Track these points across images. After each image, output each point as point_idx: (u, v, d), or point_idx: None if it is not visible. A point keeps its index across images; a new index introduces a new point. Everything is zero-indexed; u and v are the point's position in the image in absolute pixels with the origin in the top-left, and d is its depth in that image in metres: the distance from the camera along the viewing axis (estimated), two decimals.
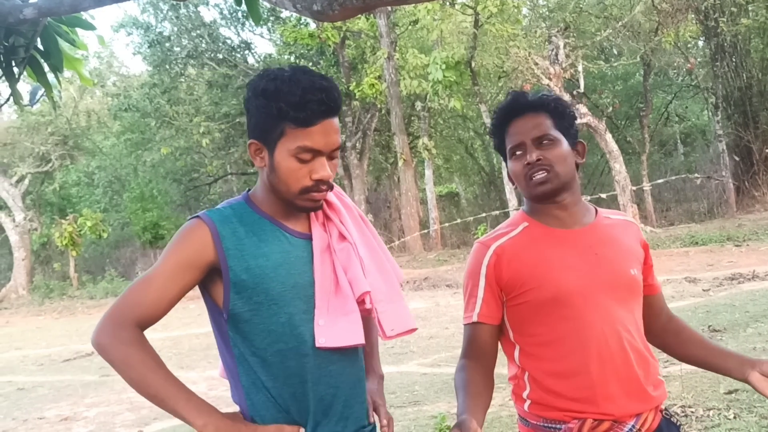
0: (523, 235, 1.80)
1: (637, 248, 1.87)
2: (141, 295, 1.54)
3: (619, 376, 1.72)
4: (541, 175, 1.75)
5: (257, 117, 1.57)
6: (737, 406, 4.28)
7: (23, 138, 23.80)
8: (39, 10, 2.21)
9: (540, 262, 1.76)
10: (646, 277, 1.88)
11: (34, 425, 6.57)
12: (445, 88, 16.63)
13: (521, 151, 1.79)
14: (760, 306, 7.26)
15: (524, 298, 1.76)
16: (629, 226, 1.91)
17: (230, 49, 22.14)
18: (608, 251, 1.79)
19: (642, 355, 1.76)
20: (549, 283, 1.74)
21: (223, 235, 1.55)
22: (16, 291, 21.70)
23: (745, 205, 17.02)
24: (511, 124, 1.83)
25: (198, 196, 25.20)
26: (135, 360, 1.51)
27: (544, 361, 1.77)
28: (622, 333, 1.74)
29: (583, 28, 17.95)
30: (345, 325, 1.60)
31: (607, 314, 1.73)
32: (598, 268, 1.76)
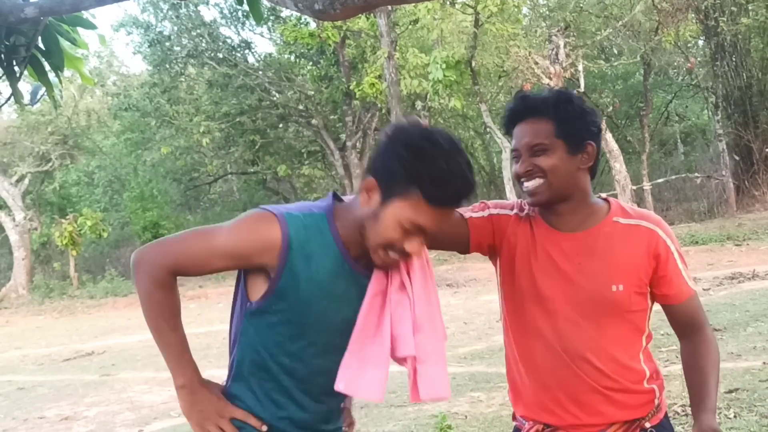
0: (530, 224, 1.83)
1: (640, 261, 1.76)
2: (190, 252, 1.56)
3: (569, 387, 1.74)
4: (532, 184, 1.74)
5: (392, 163, 1.51)
6: (737, 405, 4.28)
7: (23, 137, 23.79)
8: (40, 9, 2.21)
9: (524, 256, 1.79)
10: (659, 287, 1.79)
11: (34, 425, 6.57)
12: (445, 87, 16.62)
13: (518, 157, 1.78)
14: (760, 305, 7.27)
15: (507, 277, 1.82)
16: (641, 235, 1.78)
17: (230, 49, 22.13)
18: (593, 263, 1.75)
19: (603, 369, 1.73)
20: (521, 279, 1.78)
21: (293, 249, 1.52)
22: (16, 290, 21.69)
23: (745, 204, 17.01)
24: (515, 127, 1.80)
25: (198, 196, 25.20)
26: (157, 301, 1.56)
27: (515, 351, 1.83)
28: (582, 345, 1.73)
29: (584, 27, 17.94)
30: (371, 377, 1.60)
31: (569, 326, 1.74)
32: (571, 280, 1.74)
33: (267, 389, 1.60)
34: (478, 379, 5.99)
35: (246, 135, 22.10)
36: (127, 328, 13.02)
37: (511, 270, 1.80)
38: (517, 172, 1.76)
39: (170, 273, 1.55)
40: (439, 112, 21.41)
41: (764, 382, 4.65)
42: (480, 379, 5.98)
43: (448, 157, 1.50)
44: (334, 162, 21.77)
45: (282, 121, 23.10)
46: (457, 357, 7.06)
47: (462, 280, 13.28)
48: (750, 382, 4.68)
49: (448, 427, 4.42)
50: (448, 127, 23.57)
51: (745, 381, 4.72)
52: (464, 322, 8.97)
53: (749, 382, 4.68)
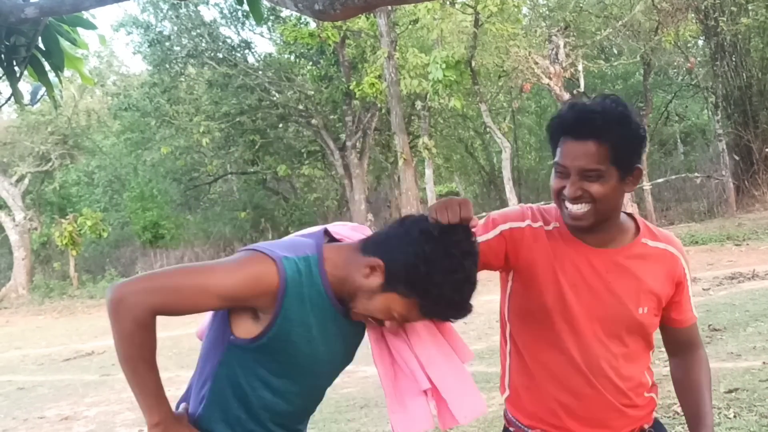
0: (551, 234, 1.75)
1: (663, 285, 1.76)
2: (176, 292, 1.50)
3: (588, 403, 1.74)
4: (579, 209, 1.65)
5: (403, 263, 1.52)
6: (737, 405, 4.29)
7: (23, 137, 23.79)
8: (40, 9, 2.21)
9: (549, 269, 1.73)
10: (670, 310, 1.80)
11: (34, 424, 6.57)
12: (445, 87, 16.62)
13: (564, 173, 1.66)
14: (759, 305, 7.27)
15: (519, 288, 1.79)
16: (667, 260, 1.77)
17: (230, 49, 22.13)
18: (622, 283, 1.72)
19: (622, 386, 1.75)
20: (546, 292, 1.73)
21: (288, 295, 1.52)
22: (16, 290, 21.69)
23: (744, 204, 17.02)
24: (564, 140, 1.66)
25: (198, 196, 25.20)
26: (136, 341, 1.49)
27: (528, 361, 1.80)
28: (603, 365, 1.73)
29: (583, 27, 17.95)
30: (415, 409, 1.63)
31: (593, 343, 1.72)
32: (601, 298, 1.71)
33: (242, 420, 1.59)
34: (478, 378, 5.99)
35: (246, 135, 22.11)
36: None
37: (532, 284, 1.75)
38: (565, 194, 1.65)
39: (154, 313, 1.49)
40: (439, 112, 21.41)
41: (764, 381, 4.65)
42: (480, 378, 5.98)
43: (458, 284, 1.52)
44: (333, 162, 21.78)
45: (282, 121, 23.11)
46: None
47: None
48: (750, 382, 4.68)
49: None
50: (448, 126, 23.60)
51: (745, 381, 4.72)
52: (464, 322, 8.93)
53: (749, 382, 4.68)
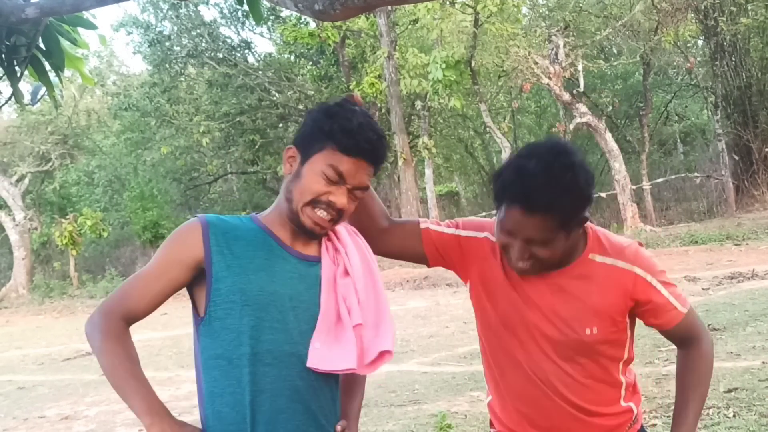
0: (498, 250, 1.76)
1: (614, 303, 1.71)
2: (129, 290, 1.61)
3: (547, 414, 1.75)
4: (526, 266, 1.66)
5: (307, 128, 1.66)
6: (736, 404, 4.29)
7: (23, 137, 23.80)
8: (41, 9, 2.21)
9: (502, 286, 1.75)
10: (646, 318, 1.77)
11: (34, 424, 6.57)
12: (445, 87, 16.63)
13: (510, 238, 1.64)
14: (759, 305, 7.27)
15: (480, 303, 1.81)
16: (616, 277, 1.71)
17: (230, 49, 22.15)
18: (566, 306, 1.70)
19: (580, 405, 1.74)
20: (499, 309, 1.76)
21: (213, 232, 1.61)
22: (16, 290, 21.70)
23: (744, 204, 17.02)
24: (511, 207, 1.61)
25: (198, 196, 25.20)
26: (109, 350, 1.56)
27: (497, 374, 1.83)
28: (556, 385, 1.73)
29: (583, 27, 17.95)
30: (339, 351, 1.63)
31: (543, 364, 1.73)
32: (548, 318, 1.72)
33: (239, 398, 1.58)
34: (478, 378, 6.00)
35: (246, 135, 22.12)
36: None
37: (486, 296, 1.78)
38: (511, 256, 1.66)
39: (120, 319, 1.58)
40: (438, 112, 21.41)
41: (763, 381, 4.65)
42: (480, 378, 5.99)
43: (354, 114, 1.64)
44: None
45: (282, 121, 23.12)
46: (456, 356, 7.07)
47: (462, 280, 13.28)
48: (749, 382, 4.68)
49: (448, 426, 4.43)
50: (447, 126, 23.61)
51: (745, 380, 4.73)
52: (464, 321, 8.97)
53: (748, 382, 4.68)
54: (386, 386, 6.17)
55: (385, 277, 13.80)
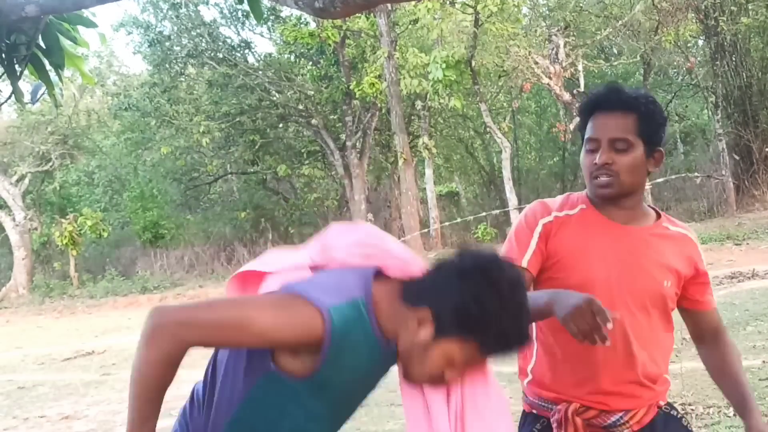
0: (578, 217, 1.85)
1: (683, 265, 1.88)
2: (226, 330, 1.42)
3: (615, 376, 1.79)
4: (605, 179, 1.77)
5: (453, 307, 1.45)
6: None
7: (23, 137, 23.78)
8: (41, 7, 2.21)
9: (582, 248, 1.81)
10: (695, 293, 1.92)
11: (34, 424, 6.57)
12: (445, 87, 16.62)
13: (594, 146, 1.79)
14: (759, 304, 7.27)
15: (557, 274, 1.83)
16: (686, 243, 1.91)
17: (230, 49, 22.13)
18: (648, 257, 1.82)
19: (648, 360, 1.82)
20: (582, 270, 1.80)
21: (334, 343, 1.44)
22: (17, 290, 21.69)
23: (744, 204, 17.01)
24: (596, 115, 1.80)
25: (198, 196, 25.19)
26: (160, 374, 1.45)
27: (553, 340, 1.85)
28: (631, 337, 1.79)
29: (583, 27, 17.95)
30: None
31: (624, 316, 1.77)
32: (631, 270, 1.80)
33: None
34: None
35: (246, 135, 22.11)
36: (127, 328, 13.03)
37: (561, 266, 1.83)
38: (595, 162, 1.77)
39: (188, 346, 1.42)
40: (439, 112, 21.41)
41: (764, 380, 4.65)
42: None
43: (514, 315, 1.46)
44: (334, 162, 21.78)
45: (282, 121, 23.10)
46: None
47: None
48: (750, 381, 4.66)
49: None
50: (447, 126, 23.59)
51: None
52: None
53: (749, 381, 4.68)
54: (386, 386, 6.14)
55: None
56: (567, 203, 1.88)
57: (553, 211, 1.86)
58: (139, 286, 19.37)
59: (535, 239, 1.84)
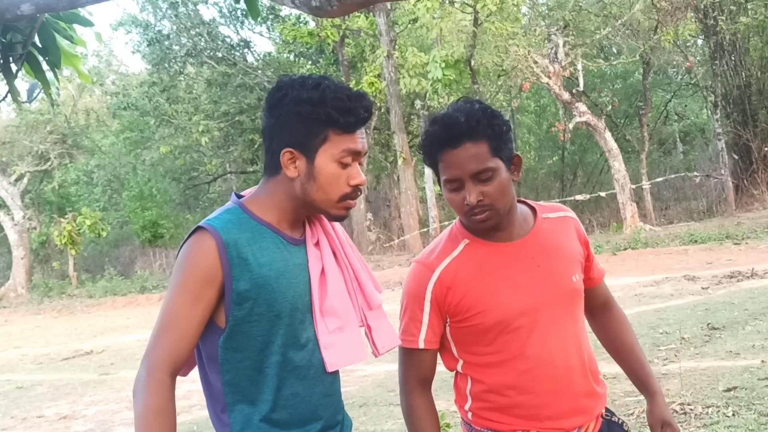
0: (466, 255, 1.76)
1: (578, 248, 1.83)
2: (168, 336, 1.50)
3: (564, 395, 1.74)
4: (482, 215, 1.69)
5: (296, 125, 1.56)
6: (736, 403, 4.28)
7: (22, 136, 23.76)
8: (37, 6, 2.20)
9: (485, 286, 1.73)
10: (587, 271, 1.87)
11: (33, 424, 6.56)
12: (444, 86, 16.61)
13: (457, 185, 1.69)
14: (758, 304, 7.26)
15: (470, 321, 1.74)
16: (568, 224, 1.85)
17: (229, 48, 22.12)
18: (550, 262, 1.76)
19: (585, 367, 1.77)
20: (495, 307, 1.71)
21: (228, 244, 1.52)
22: (15, 290, 21.69)
23: (744, 203, 17.02)
24: (444, 153, 1.69)
25: (197, 195, 25.19)
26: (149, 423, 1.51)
27: (490, 379, 1.77)
28: (567, 349, 1.74)
29: (583, 26, 17.94)
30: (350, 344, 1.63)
31: (552, 332, 1.73)
32: (542, 283, 1.73)
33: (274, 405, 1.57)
34: None
35: (245, 134, 22.10)
36: (126, 327, 13.02)
37: (475, 312, 1.73)
38: (468, 203, 1.67)
39: (168, 375, 1.49)
40: (438, 111, 21.38)
41: (763, 380, 4.64)
42: None
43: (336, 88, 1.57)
44: None
45: None
46: None
47: None
48: (748, 381, 4.67)
49: (447, 425, 4.41)
50: None
51: (744, 379, 4.72)
52: None
53: (748, 381, 4.67)
54: (385, 385, 6.16)
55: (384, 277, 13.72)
56: (446, 247, 1.78)
57: (435, 267, 1.75)
58: (138, 285, 19.36)
59: (426, 310, 1.75)
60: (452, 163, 1.68)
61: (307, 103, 1.55)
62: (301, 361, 1.58)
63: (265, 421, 1.56)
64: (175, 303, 1.51)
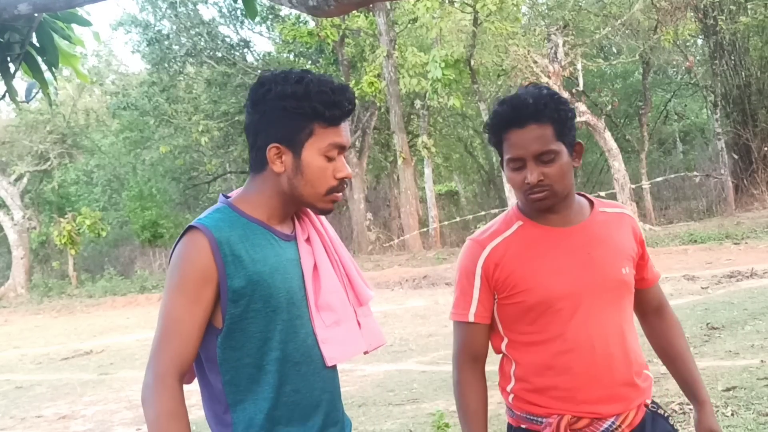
0: (517, 236, 1.82)
1: (631, 244, 1.87)
2: (171, 340, 1.49)
3: (601, 381, 1.76)
4: (541, 194, 1.75)
5: (282, 120, 1.57)
6: (735, 403, 4.28)
7: (22, 136, 23.77)
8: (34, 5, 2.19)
9: (532, 265, 1.78)
10: (641, 271, 1.90)
11: (32, 424, 6.56)
12: (444, 86, 16.61)
13: (520, 164, 1.75)
14: (758, 304, 7.27)
15: (515, 299, 1.79)
16: (625, 220, 1.89)
17: (229, 48, 22.12)
18: (601, 251, 1.80)
19: (627, 357, 1.79)
20: (539, 286, 1.76)
21: (221, 242, 1.52)
22: (15, 290, 21.69)
23: (743, 203, 17.02)
24: (510, 132, 1.76)
25: (197, 195, 25.20)
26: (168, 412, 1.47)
27: (530, 358, 1.81)
28: (608, 336, 1.77)
29: (583, 26, 17.94)
30: (348, 337, 1.64)
31: (594, 318, 1.76)
32: (590, 270, 1.77)
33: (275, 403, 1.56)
34: None
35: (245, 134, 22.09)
36: (125, 327, 13.02)
37: (519, 290, 1.79)
38: (529, 182, 1.73)
39: (175, 380, 1.48)
40: (438, 111, 21.40)
41: (762, 380, 4.64)
42: None
43: (320, 81, 1.57)
44: None
45: None
46: None
47: None
48: (748, 380, 4.67)
49: (446, 425, 4.42)
50: (447, 126, 23.59)
51: (743, 379, 4.72)
52: None
53: (747, 380, 4.67)
54: (384, 385, 6.16)
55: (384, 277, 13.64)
56: (500, 227, 1.84)
57: (487, 244, 1.82)
58: (137, 285, 19.36)
59: (477, 285, 1.81)
60: (517, 142, 1.75)
61: (292, 98, 1.55)
62: (300, 356, 1.58)
63: (268, 418, 1.55)
64: (174, 306, 1.50)
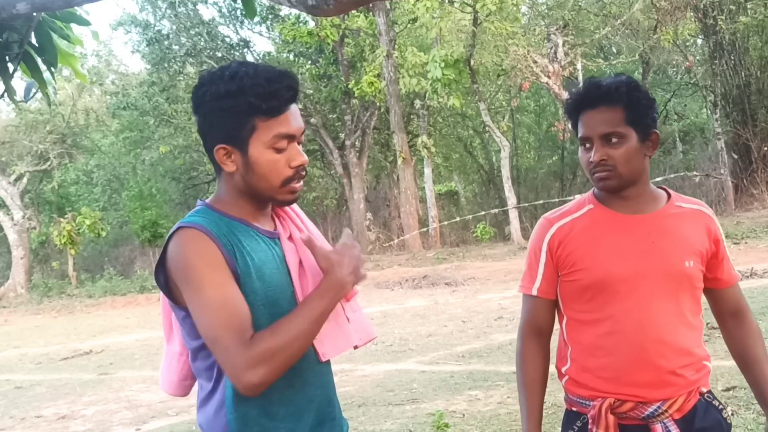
0: (586, 217, 1.88)
1: (703, 240, 1.87)
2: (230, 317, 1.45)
3: (647, 366, 1.79)
4: (603, 173, 1.80)
5: (222, 120, 1.53)
6: (735, 402, 4.28)
7: (21, 136, 23.76)
8: (32, 5, 2.19)
9: (594, 246, 1.83)
10: (714, 270, 1.91)
11: (31, 423, 6.55)
12: (444, 86, 16.61)
13: (588, 144, 1.83)
14: (758, 303, 7.26)
15: (574, 276, 1.85)
16: (701, 217, 1.90)
17: (229, 48, 22.12)
18: (666, 241, 1.82)
19: (679, 348, 1.81)
20: (597, 266, 1.82)
21: (216, 234, 1.51)
22: (15, 289, 21.68)
23: (743, 203, 17.02)
24: (583, 113, 1.84)
25: (197, 195, 25.16)
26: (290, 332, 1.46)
27: (583, 338, 1.87)
28: (661, 325, 1.80)
29: (582, 26, 17.94)
30: (339, 332, 1.62)
31: (649, 304, 1.79)
32: (651, 258, 1.81)
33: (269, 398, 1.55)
34: (476, 377, 5.99)
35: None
36: (125, 327, 13.02)
37: (578, 268, 1.85)
38: (592, 160, 1.81)
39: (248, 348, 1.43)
40: (438, 111, 21.40)
41: None
42: (478, 377, 5.98)
43: (253, 74, 1.52)
44: (333, 161, 21.77)
45: None
46: (455, 355, 7.06)
47: (460, 279, 13.26)
48: None
49: (446, 425, 4.41)
50: (447, 125, 23.58)
51: (743, 379, 4.69)
52: (462, 320, 8.96)
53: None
54: (384, 385, 6.16)
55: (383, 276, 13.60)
56: (572, 208, 1.92)
57: (555, 222, 1.90)
58: (137, 285, 19.35)
59: (542, 261, 1.89)
60: (587, 122, 1.83)
61: (226, 97, 1.51)
62: None
63: (263, 415, 1.55)
64: (212, 294, 1.45)
